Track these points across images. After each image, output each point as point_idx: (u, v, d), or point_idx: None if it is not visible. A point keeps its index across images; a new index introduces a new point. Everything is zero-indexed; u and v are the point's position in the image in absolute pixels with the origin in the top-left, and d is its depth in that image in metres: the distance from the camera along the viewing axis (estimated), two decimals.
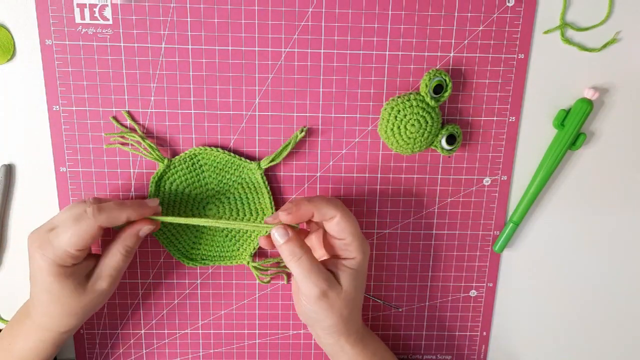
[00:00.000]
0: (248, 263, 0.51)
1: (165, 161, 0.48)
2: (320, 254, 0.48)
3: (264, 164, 0.49)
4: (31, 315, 0.45)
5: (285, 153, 0.48)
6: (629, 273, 0.55)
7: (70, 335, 0.48)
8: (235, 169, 0.49)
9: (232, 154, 0.49)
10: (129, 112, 0.48)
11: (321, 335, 0.47)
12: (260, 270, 0.52)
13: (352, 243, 0.44)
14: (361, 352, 0.48)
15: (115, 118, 0.48)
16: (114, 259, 0.45)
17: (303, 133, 0.48)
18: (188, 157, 0.49)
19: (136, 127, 0.48)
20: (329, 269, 0.45)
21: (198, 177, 0.49)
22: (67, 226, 0.42)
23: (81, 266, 0.44)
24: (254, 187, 0.50)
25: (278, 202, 0.51)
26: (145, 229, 0.45)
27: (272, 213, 0.50)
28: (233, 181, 0.50)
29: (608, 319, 0.57)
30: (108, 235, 0.50)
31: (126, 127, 0.48)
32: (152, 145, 0.48)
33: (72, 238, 0.41)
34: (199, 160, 0.49)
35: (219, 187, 0.50)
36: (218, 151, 0.49)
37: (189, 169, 0.49)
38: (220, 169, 0.49)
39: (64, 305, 0.44)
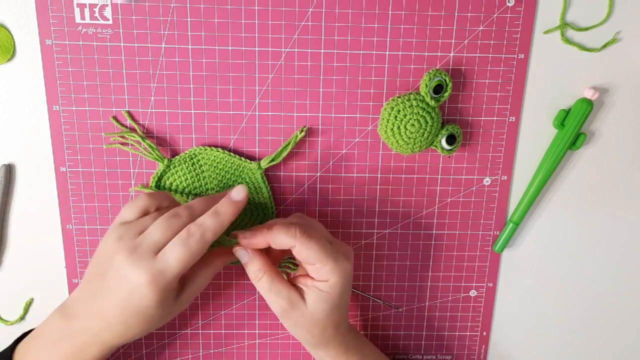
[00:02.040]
0: None
1: (165, 161, 0.48)
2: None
3: (264, 164, 0.49)
4: (92, 332, 0.41)
5: (285, 153, 0.48)
6: (628, 273, 0.55)
7: None
8: (235, 169, 0.49)
9: (232, 154, 0.49)
10: (129, 112, 0.48)
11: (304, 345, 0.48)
12: None
13: (322, 268, 0.43)
14: None
15: (115, 118, 0.48)
16: (201, 281, 0.43)
17: (303, 133, 0.48)
18: (188, 157, 0.49)
19: (136, 127, 0.48)
20: (299, 285, 0.44)
21: (198, 177, 0.49)
22: (176, 249, 0.39)
23: (175, 289, 0.42)
24: (254, 187, 0.50)
25: (278, 202, 0.51)
26: (237, 256, 0.45)
27: (273, 213, 0.50)
28: (233, 181, 0.50)
29: (608, 319, 0.57)
30: None
31: (126, 127, 0.48)
32: (152, 145, 0.48)
33: (185, 263, 0.39)
34: (199, 160, 0.49)
35: (219, 187, 0.50)
36: (218, 151, 0.49)
37: (188, 169, 0.49)
38: (220, 169, 0.49)
39: (149, 326, 0.41)
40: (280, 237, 0.42)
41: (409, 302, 0.55)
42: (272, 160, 0.48)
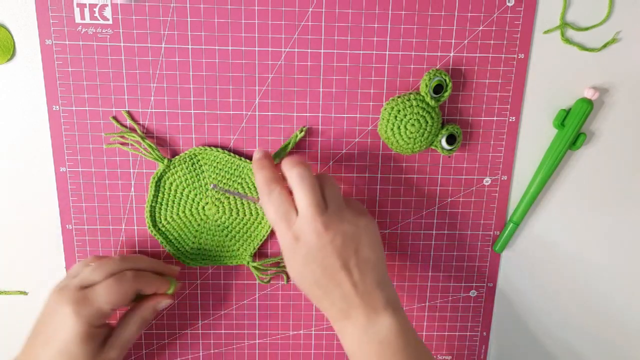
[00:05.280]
0: (248, 263, 0.51)
1: (165, 161, 0.48)
2: None
3: None
4: None
5: (284, 153, 0.48)
6: (629, 273, 0.55)
7: None
8: (235, 169, 0.49)
9: (232, 154, 0.49)
10: (129, 112, 0.48)
11: (336, 310, 0.42)
12: (260, 270, 0.52)
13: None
14: (403, 328, 0.41)
15: (115, 118, 0.48)
16: (128, 330, 0.44)
17: (303, 133, 0.48)
18: (188, 157, 0.49)
19: (136, 127, 0.48)
20: None
21: (198, 177, 0.49)
22: (108, 285, 0.42)
23: (101, 331, 0.43)
24: (254, 187, 0.50)
25: None
26: (163, 303, 0.46)
27: None
28: (233, 181, 0.50)
29: (608, 319, 0.57)
30: None
31: (126, 127, 0.48)
32: (152, 145, 0.48)
33: (113, 297, 0.42)
34: (199, 160, 0.49)
35: (219, 187, 0.50)
36: (218, 151, 0.49)
37: (188, 169, 0.49)
38: (220, 169, 0.49)
39: None
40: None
41: (409, 302, 0.55)
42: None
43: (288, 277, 0.53)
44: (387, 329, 0.41)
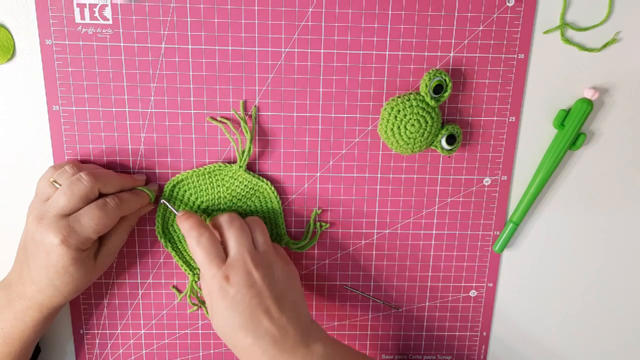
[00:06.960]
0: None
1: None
2: None
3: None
4: (28, 296, 0.45)
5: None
6: (628, 273, 0.55)
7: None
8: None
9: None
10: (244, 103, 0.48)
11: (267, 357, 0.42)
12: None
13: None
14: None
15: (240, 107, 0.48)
16: (120, 238, 0.47)
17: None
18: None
19: (243, 123, 0.48)
20: None
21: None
22: (92, 214, 0.43)
23: (91, 249, 0.45)
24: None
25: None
26: (146, 209, 0.49)
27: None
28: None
29: (608, 319, 0.57)
30: None
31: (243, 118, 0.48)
32: (250, 146, 0.48)
33: (99, 226, 0.43)
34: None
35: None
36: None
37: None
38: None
39: (76, 285, 0.45)
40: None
41: (409, 302, 0.55)
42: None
43: None
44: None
